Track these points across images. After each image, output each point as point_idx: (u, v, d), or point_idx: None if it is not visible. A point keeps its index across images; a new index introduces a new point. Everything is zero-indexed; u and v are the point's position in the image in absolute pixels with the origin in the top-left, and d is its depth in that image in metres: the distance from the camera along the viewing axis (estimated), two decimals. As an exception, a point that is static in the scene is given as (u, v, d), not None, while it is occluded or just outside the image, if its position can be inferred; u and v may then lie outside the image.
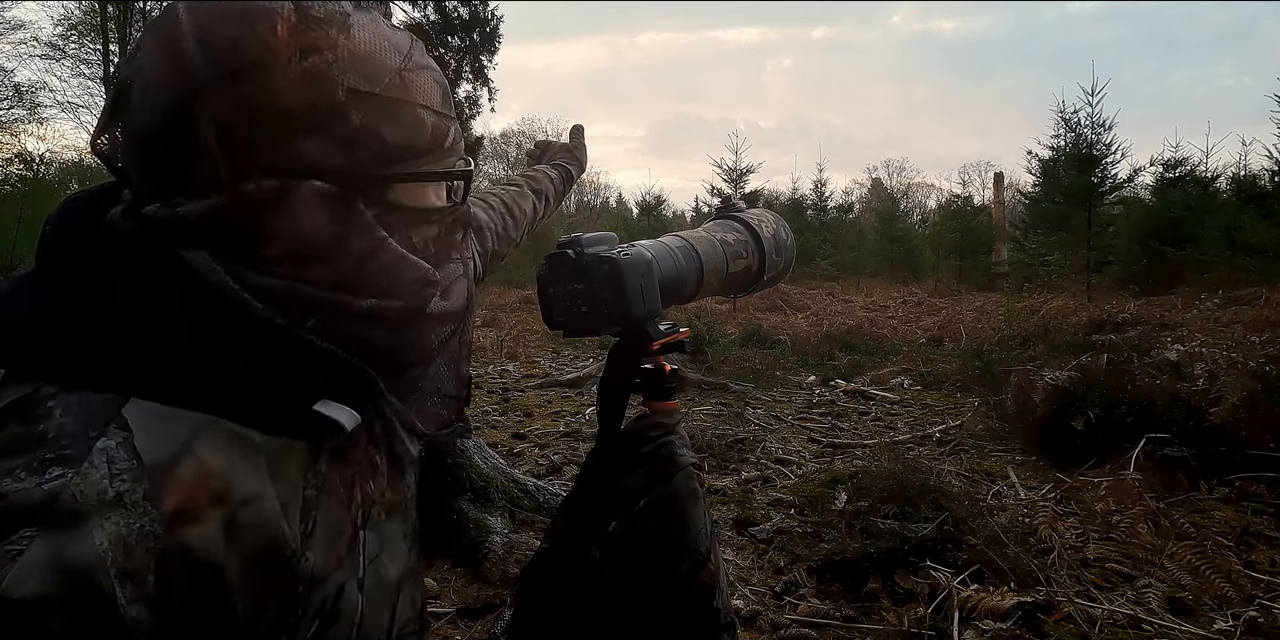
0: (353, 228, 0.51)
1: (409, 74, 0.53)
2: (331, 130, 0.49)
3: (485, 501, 2.42)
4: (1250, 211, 9.16)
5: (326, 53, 0.49)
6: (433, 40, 12.23)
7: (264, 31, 0.48)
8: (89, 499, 0.40)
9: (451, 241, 0.60)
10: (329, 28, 0.50)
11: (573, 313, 0.75)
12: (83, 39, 22.09)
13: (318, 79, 0.48)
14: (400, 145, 0.52)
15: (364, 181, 0.51)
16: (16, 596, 0.37)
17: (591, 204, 37.16)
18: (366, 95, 0.50)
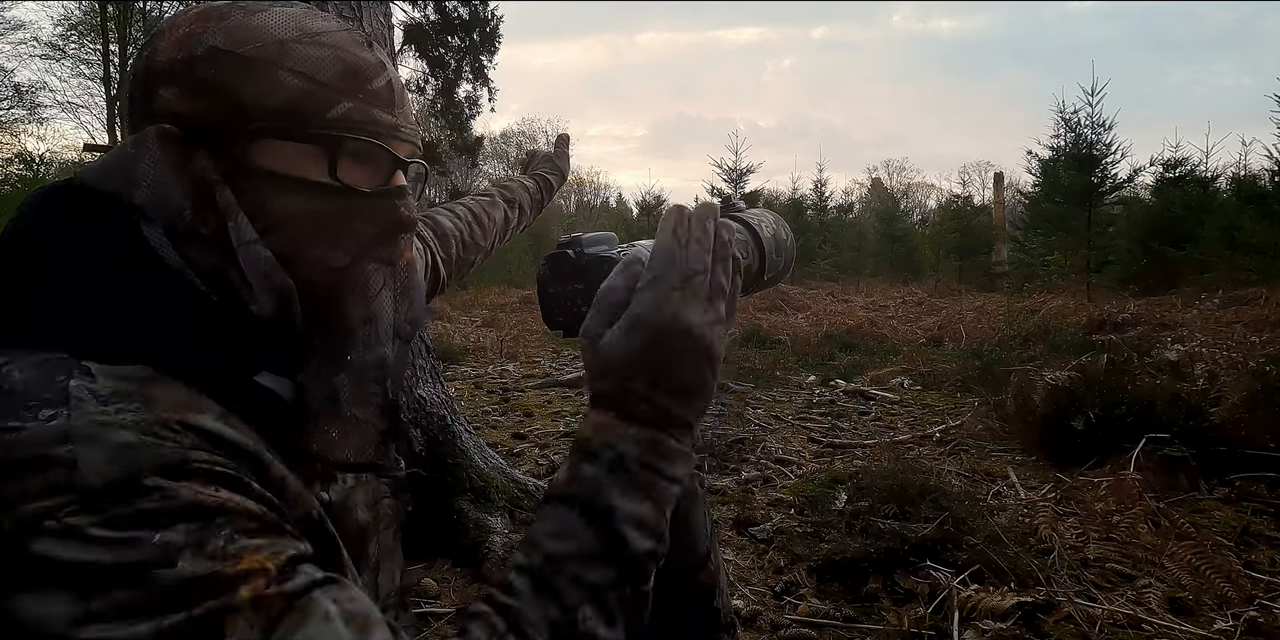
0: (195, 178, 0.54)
1: (295, 44, 0.57)
2: (183, 80, 0.55)
3: (485, 501, 2.42)
4: (1250, 211, 9.16)
5: (208, 22, 0.57)
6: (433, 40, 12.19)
7: (178, 14, 0.58)
8: (96, 413, 0.44)
9: (347, 231, 0.59)
10: (234, 10, 0.58)
11: (573, 313, 0.75)
12: (83, 39, 22.08)
13: (188, 39, 0.56)
14: (254, 104, 0.55)
15: (208, 131, 0.55)
16: (99, 483, 0.42)
17: (591, 204, 37.14)
18: (226, 53, 0.55)
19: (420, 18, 13.14)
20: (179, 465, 0.44)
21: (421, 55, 12.56)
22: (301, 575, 0.45)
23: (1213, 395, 3.12)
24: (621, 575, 0.52)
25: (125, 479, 0.42)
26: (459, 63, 13.43)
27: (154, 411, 0.46)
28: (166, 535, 0.42)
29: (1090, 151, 10.70)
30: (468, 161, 14.12)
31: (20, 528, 0.41)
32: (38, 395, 0.44)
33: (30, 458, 0.42)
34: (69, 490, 0.41)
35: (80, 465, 0.42)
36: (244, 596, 0.42)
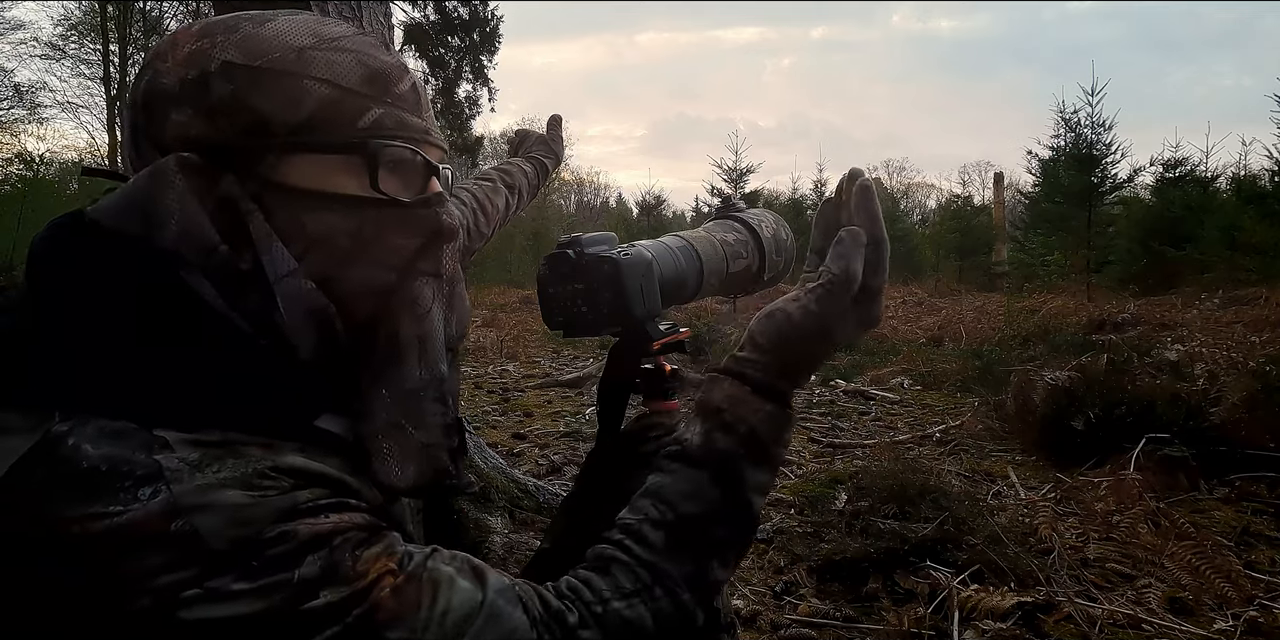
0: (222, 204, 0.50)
1: (314, 52, 0.53)
2: (197, 100, 0.51)
3: (485, 501, 2.42)
4: (1250, 211, 9.15)
5: (217, 37, 0.52)
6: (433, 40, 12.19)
7: (177, 31, 0.54)
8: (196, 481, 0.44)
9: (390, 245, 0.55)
10: (240, 21, 0.54)
11: (573, 313, 0.75)
12: (83, 39, 22.10)
13: (196, 57, 0.52)
14: (279, 118, 0.51)
15: (230, 153, 0.51)
16: (226, 546, 0.43)
17: (591, 204, 37.14)
18: (241, 67, 0.51)
19: (420, 18, 13.14)
20: (291, 509, 0.46)
21: (421, 55, 12.56)
22: (416, 555, 0.50)
23: (1213, 395, 3.12)
24: (743, 532, 0.60)
25: (248, 536, 0.44)
26: (459, 63, 13.43)
27: (248, 463, 0.46)
28: (302, 572, 0.45)
29: (1090, 151, 10.69)
30: (468, 161, 14.11)
31: (160, 603, 0.42)
32: (130, 474, 0.43)
33: (147, 538, 0.42)
34: (198, 558, 0.42)
35: (202, 533, 0.43)
36: (384, 595, 0.46)
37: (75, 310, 0.48)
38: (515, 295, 11.86)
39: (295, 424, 0.51)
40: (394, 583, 0.47)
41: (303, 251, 0.52)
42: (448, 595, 0.48)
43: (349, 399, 0.54)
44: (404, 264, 0.56)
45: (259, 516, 0.45)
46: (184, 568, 0.42)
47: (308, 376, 0.52)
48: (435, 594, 0.48)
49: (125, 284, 0.48)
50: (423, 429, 0.57)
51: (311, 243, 0.53)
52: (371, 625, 0.45)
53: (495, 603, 0.50)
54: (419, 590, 0.48)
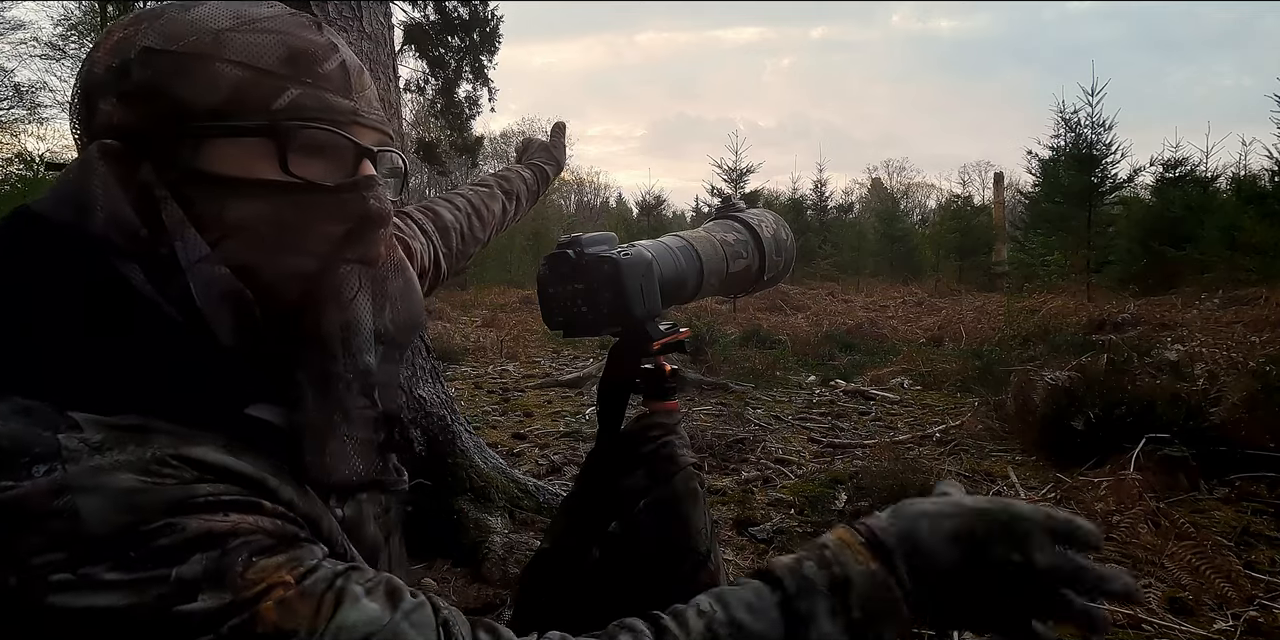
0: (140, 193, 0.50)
1: (232, 34, 0.52)
2: (117, 88, 0.51)
3: (485, 501, 2.42)
4: (1250, 211, 9.15)
5: (143, 24, 0.52)
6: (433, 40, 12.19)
7: (114, 22, 0.54)
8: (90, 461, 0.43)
9: (312, 231, 0.53)
10: (168, 8, 0.53)
11: (573, 313, 0.75)
12: (83, 39, 22.06)
13: (121, 45, 0.52)
14: (193, 102, 0.50)
15: (149, 139, 0.51)
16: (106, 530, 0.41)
17: (591, 204, 37.14)
18: (159, 52, 0.51)
19: (420, 18, 13.13)
20: (185, 501, 0.44)
21: (421, 55, 12.56)
22: (322, 571, 0.46)
23: (1213, 395, 3.12)
24: None
25: (131, 523, 0.42)
26: (459, 63, 13.41)
27: (150, 449, 0.45)
28: (183, 570, 0.42)
29: (1090, 151, 10.69)
30: (468, 161, 14.11)
31: (28, 584, 0.40)
32: (28, 451, 0.42)
33: (28, 514, 0.41)
34: (74, 541, 0.41)
35: (82, 515, 0.41)
36: (268, 606, 0.43)
37: (6, 295, 0.48)
38: (515, 295, 11.86)
39: (222, 412, 0.50)
40: (283, 595, 0.44)
41: (219, 238, 0.51)
42: (346, 614, 0.44)
43: (283, 389, 0.53)
44: (328, 250, 0.54)
45: (148, 504, 0.43)
46: (57, 549, 0.40)
47: (233, 364, 0.51)
48: (333, 612, 0.44)
49: (58, 270, 0.48)
50: (348, 422, 0.56)
51: (229, 229, 0.51)
52: (248, 637, 0.42)
53: (399, 626, 0.45)
54: (312, 606, 0.44)
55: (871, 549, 0.54)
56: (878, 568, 0.52)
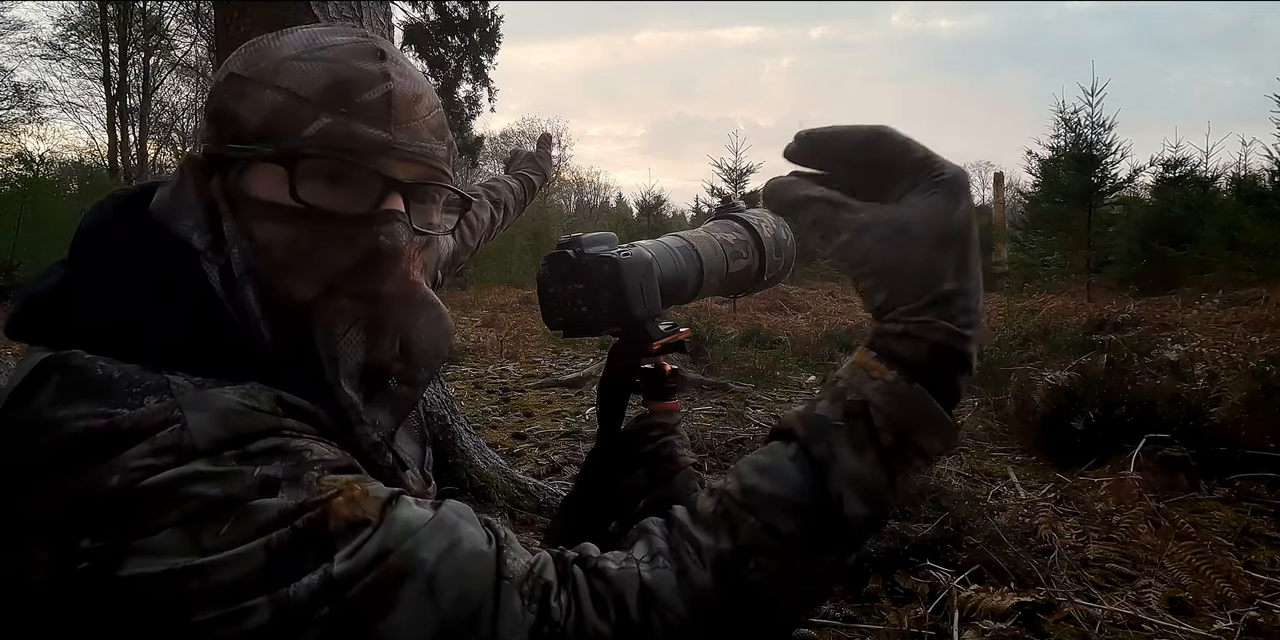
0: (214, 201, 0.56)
1: (293, 61, 0.55)
2: (208, 107, 0.58)
3: (485, 501, 2.42)
4: (1250, 211, 9.16)
5: (245, 48, 0.58)
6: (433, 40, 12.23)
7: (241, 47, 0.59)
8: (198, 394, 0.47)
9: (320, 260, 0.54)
10: (268, 35, 0.59)
11: (573, 313, 0.75)
12: (83, 39, 22.11)
13: (224, 67, 0.58)
14: (246, 126, 0.55)
15: (219, 158, 0.56)
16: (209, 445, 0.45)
17: (591, 204, 37.14)
18: (236, 77, 0.56)
19: (420, 18, 13.16)
20: (277, 428, 0.48)
21: (421, 55, 12.57)
22: (384, 488, 0.50)
23: (1213, 395, 3.12)
24: (821, 537, 0.46)
25: (229, 438, 0.46)
26: (459, 63, 13.44)
27: (250, 387, 0.49)
28: (265, 470, 0.46)
29: (1090, 151, 10.69)
30: (468, 161, 14.14)
31: (128, 482, 0.43)
32: (140, 383, 0.47)
33: (146, 427, 0.45)
34: (178, 448, 0.44)
35: (190, 427, 0.45)
36: (339, 502, 0.46)
37: (111, 278, 0.54)
38: (515, 295, 11.86)
39: None
40: (352, 494, 0.47)
41: (253, 255, 0.55)
42: (402, 511, 0.48)
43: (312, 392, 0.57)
44: (330, 281, 0.55)
45: (245, 426, 0.47)
46: (162, 454, 0.44)
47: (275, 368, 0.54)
48: (389, 510, 0.48)
49: (153, 262, 0.54)
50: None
51: (258, 248, 0.55)
52: (322, 532, 0.45)
53: (445, 515, 0.49)
54: (376, 504, 0.47)
55: (885, 359, 0.47)
56: (894, 376, 0.46)
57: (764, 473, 0.47)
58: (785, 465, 0.46)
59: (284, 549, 0.44)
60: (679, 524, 0.48)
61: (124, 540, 0.42)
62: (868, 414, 0.46)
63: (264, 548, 0.43)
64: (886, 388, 0.46)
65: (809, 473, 0.46)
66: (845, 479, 0.45)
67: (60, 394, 0.46)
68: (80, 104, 23.99)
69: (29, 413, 0.46)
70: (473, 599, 0.45)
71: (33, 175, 14.46)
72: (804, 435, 0.47)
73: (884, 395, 0.46)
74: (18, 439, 0.46)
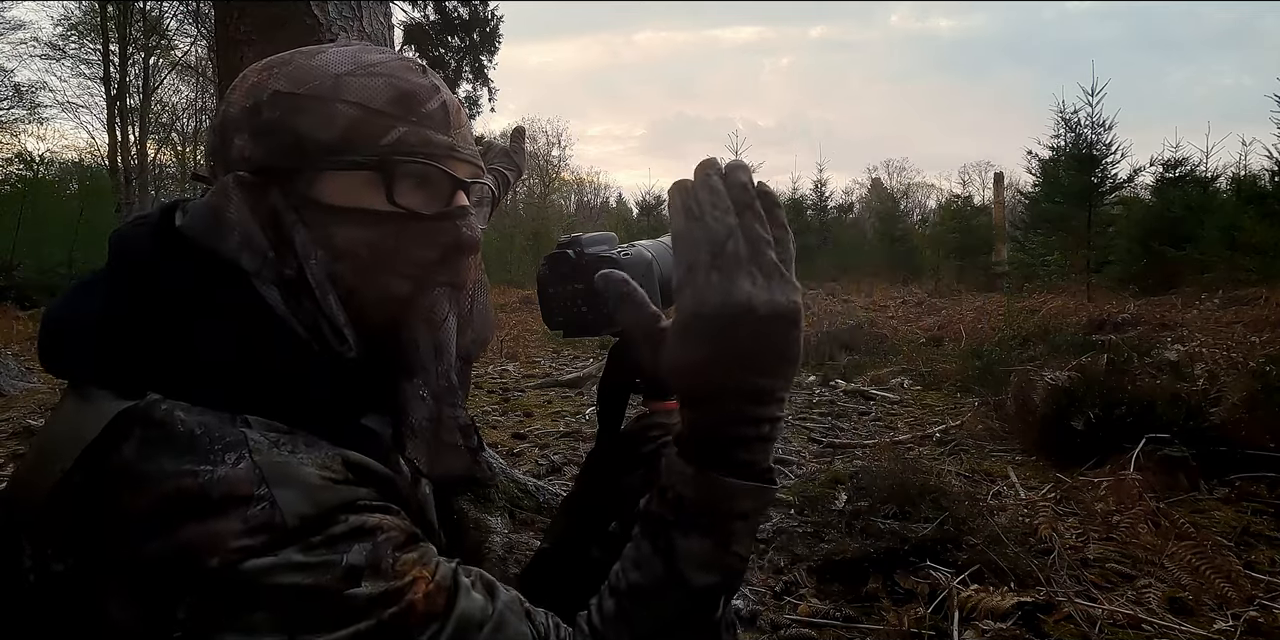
0: (270, 218, 0.56)
1: (349, 78, 0.58)
2: (250, 126, 0.58)
3: (485, 501, 2.42)
4: (1250, 211, 9.17)
5: (273, 69, 0.59)
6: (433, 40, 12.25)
7: (249, 68, 0.60)
8: (278, 455, 0.49)
9: (409, 256, 0.58)
10: (296, 55, 0.60)
11: (573, 313, 0.74)
12: (83, 39, 22.11)
13: (255, 88, 0.58)
14: (313, 139, 0.56)
15: (276, 172, 0.57)
16: (298, 523, 0.47)
17: (591, 204, 37.14)
18: (287, 95, 0.57)
19: (420, 18, 13.14)
20: (353, 502, 0.50)
21: (421, 55, 12.56)
22: (444, 567, 0.53)
23: (1213, 395, 3.12)
24: (689, 607, 0.55)
25: (316, 516, 0.48)
26: (459, 63, 13.43)
27: (319, 450, 0.51)
28: (350, 557, 0.48)
29: (1090, 151, 10.70)
30: (468, 161, 14.10)
31: (229, 565, 0.45)
32: (221, 439, 0.48)
33: (233, 497, 0.46)
34: (271, 528, 0.46)
35: (280, 505, 0.47)
36: (418, 597, 0.49)
37: (164, 309, 0.54)
38: (515, 295, 11.87)
39: (345, 423, 0.56)
40: (427, 589, 0.50)
41: (331, 262, 0.57)
42: (463, 603, 0.51)
43: (389, 400, 0.59)
44: (422, 274, 0.59)
45: (328, 501, 0.49)
46: (257, 534, 0.46)
47: (354, 378, 0.57)
48: (456, 600, 0.51)
49: (207, 290, 0.54)
50: (445, 430, 0.62)
51: (339, 254, 0.57)
52: (404, 626, 0.48)
53: (504, 613, 0.53)
54: (445, 597, 0.51)
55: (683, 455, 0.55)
56: (691, 471, 0.54)
57: (638, 568, 0.56)
58: (650, 559, 0.56)
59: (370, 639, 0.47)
60: (596, 630, 0.56)
61: (221, 618, 0.45)
62: (684, 506, 0.54)
63: (352, 637, 0.46)
64: (686, 480, 0.54)
65: (663, 562, 0.55)
66: (684, 560, 0.54)
67: (146, 448, 0.47)
68: (80, 104, 24.07)
69: (117, 466, 0.47)
70: None
71: (33, 175, 14.47)
72: (650, 532, 0.56)
73: (689, 488, 0.54)
74: (107, 491, 0.47)
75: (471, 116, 11.24)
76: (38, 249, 13.04)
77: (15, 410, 4.64)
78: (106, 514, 0.46)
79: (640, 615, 0.55)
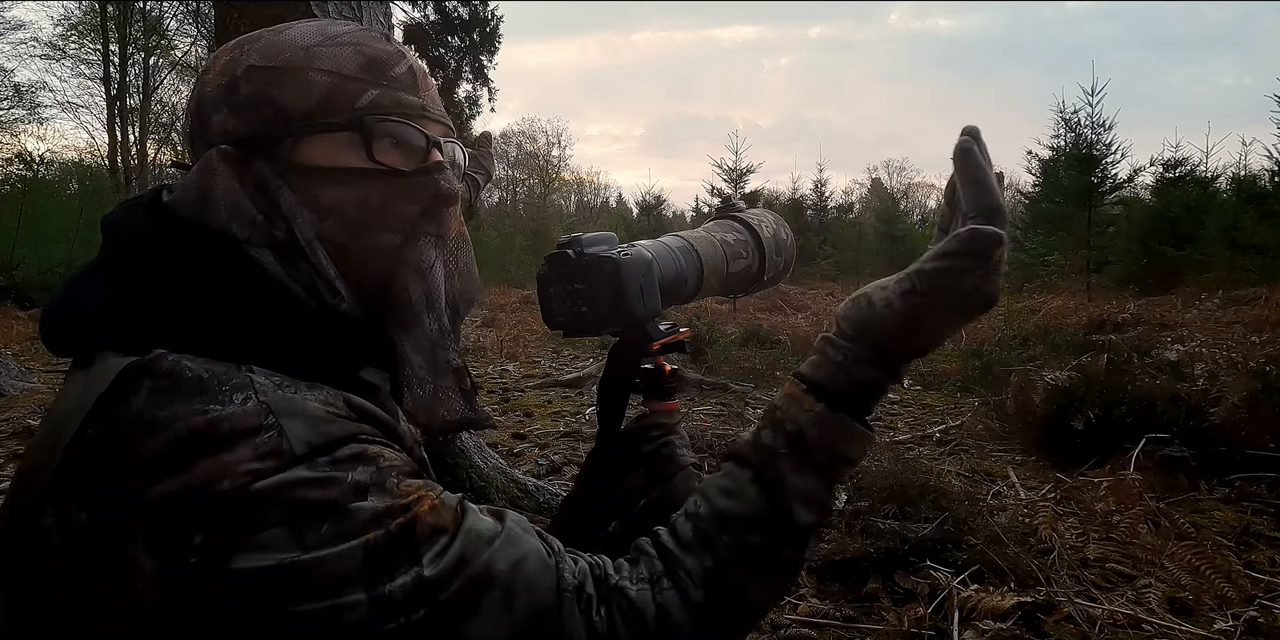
0: (259, 187, 0.59)
1: (320, 48, 0.62)
2: (229, 102, 0.60)
3: (485, 501, 2.42)
4: (1250, 211, 9.17)
5: (245, 47, 0.62)
6: (433, 40, 12.25)
7: (219, 49, 0.64)
8: (284, 392, 0.52)
9: (393, 211, 0.62)
10: (264, 33, 0.63)
11: (573, 312, 0.75)
12: (83, 39, 22.10)
13: (229, 66, 0.61)
14: (292, 107, 0.60)
15: (259, 141, 0.60)
16: (306, 450, 0.49)
17: (591, 204, 37.14)
18: (260, 69, 0.60)
19: (420, 18, 13.15)
20: (356, 433, 0.53)
21: (421, 55, 12.56)
22: (449, 494, 0.55)
23: (1213, 395, 3.12)
24: (781, 542, 0.57)
25: (321, 444, 0.50)
26: (459, 63, 13.43)
27: (325, 391, 0.54)
28: (356, 475, 0.50)
29: (1090, 151, 10.70)
30: (468, 161, 14.10)
31: (239, 485, 0.47)
32: (228, 381, 0.51)
33: (244, 429, 0.49)
34: (279, 454, 0.49)
35: (287, 433, 0.49)
36: (423, 510, 0.52)
37: (163, 280, 0.56)
38: (515, 295, 11.86)
39: (345, 377, 0.59)
40: (433, 504, 0.53)
41: (319, 222, 0.60)
42: (474, 521, 0.54)
43: (384, 351, 0.62)
44: (408, 227, 0.62)
45: (333, 432, 0.51)
46: (266, 459, 0.48)
47: (352, 333, 0.60)
48: (464, 518, 0.53)
49: (202, 259, 0.57)
50: (440, 376, 0.65)
51: (325, 212, 0.60)
52: (411, 536, 0.50)
53: (513, 529, 0.55)
54: (451, 514, 0.53)
55: (814, 393, 0.58)
56: (823, 408, 0.58)
57: (730, 496, 0.58)
58: (746, 488, 0.58)
59: (379, 549, 0.49)
60: (668, 550, 0.58)
61: (236, 538, 0.46)
62: (804, 442, 0.57)
63: (362, 547, 0.48)
64: (815, 419, 0.58)
65: (765, 493, 0.57)
66: (794, 494, 0.57)
67: (156, 397, 0.49)
68: (80, 104, 24.05)
69: (128, 417, 0.49)
70: (539, 608, 0.52)
71: (33, 175, 14.46)
72: (757, 462, 0.58)
73: (814, 426, 0.58)
74: (121, 442, 0.49)
75: (471, 116, 11.20)
76: (38, 249, 13.04)
77: (15, 410, 4.64)
78: (122, 461, 0.48)
79: (726, 541, 0.57)
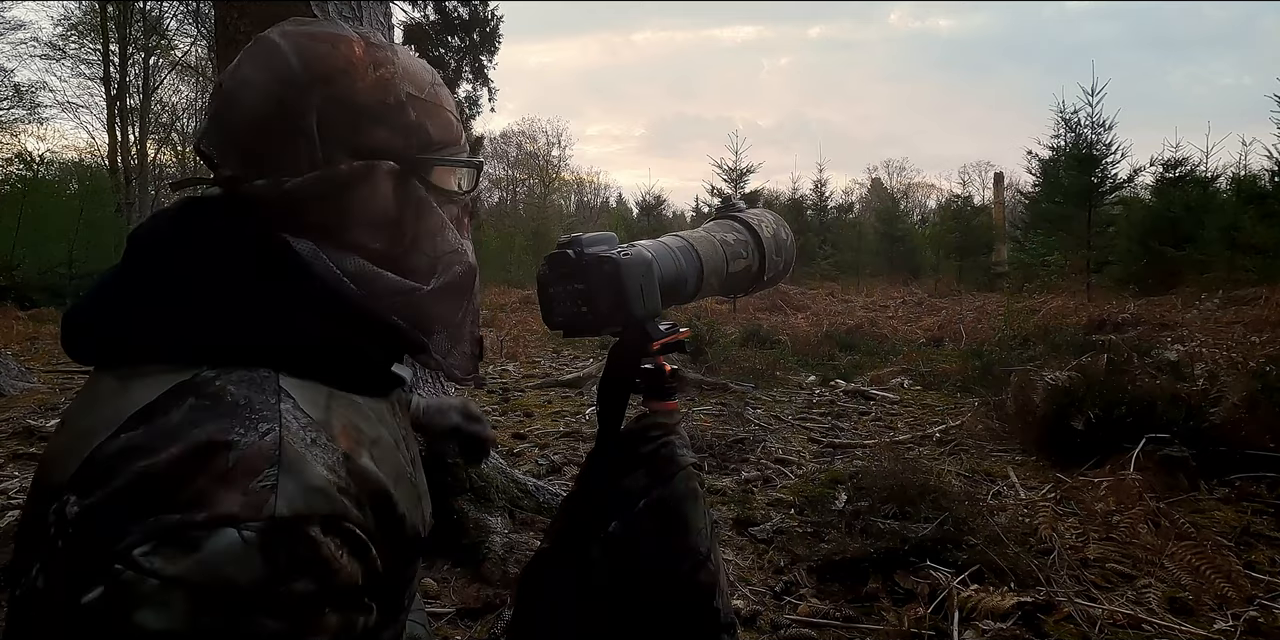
0: (409, 200, 0.67)
1: (437, 87, 0.71)
2: (396, 122, 0.66)
3: (485, 501, 2.42)
4: (1250, 211, 9.17)
5: (388, 67, 0.67)
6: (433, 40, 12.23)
7: (345, 49, 0.65)
8: (300, 442, 0.53)
9: (466, 222, 0.75)
10: (386, 50, 0.68)
11: (573, 312, 0.75)
12: (83, 39, 22.09)
13: (385, 84, 0.66)
14: (438, 138, 0.69)
15: (416, 163, 0.67)
16: (287, 515, 0.49)
17: (591, 204, 37.12)
18: (417, 99, 0.68)
19: (420, 18, 13.14)
20: (340, 518, 0.53)
21: (421, 55, 12.51)
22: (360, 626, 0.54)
23: (1213, 395, 3.12)
24: None
25: (298, 519, 0.50)
26: (459, 63, 13.43)
27: (335, 450, 0.55)
28: (296, 586, 0.49)
29: (1090, 151, 10.70)
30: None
31: (207, 526, 0.47)
32: (259, 411, 0.53)
33: (246, 470, 0.50)
34: (259, 511, 0.48)
35: (279, 489, 0.50)
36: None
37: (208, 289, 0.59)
38: (515, 295, 11.86)
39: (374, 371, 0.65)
40: None
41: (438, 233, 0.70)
42: None
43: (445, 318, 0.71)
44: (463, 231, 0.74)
45: (317, 507, 0.51)
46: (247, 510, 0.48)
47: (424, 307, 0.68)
48: None
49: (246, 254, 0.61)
50: (471, 341, 0.74)
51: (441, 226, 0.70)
52: None
53: None
54: None
55: None
56: None
57: None
58: None
59: None
60: None
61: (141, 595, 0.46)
62: None
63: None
64: None
65: None
66: None
67: (195, 413, 0.52)
68: (80, 104, 24.06)
69: (164, 425, 0.51)
70: None
71: (32, 175, 14.45)
72: None
73: None
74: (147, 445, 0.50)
75: (471, 116, 11.28)
76: (38, 249, 13.04)
77: (15, 410, 4.64)
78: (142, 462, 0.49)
79: None
